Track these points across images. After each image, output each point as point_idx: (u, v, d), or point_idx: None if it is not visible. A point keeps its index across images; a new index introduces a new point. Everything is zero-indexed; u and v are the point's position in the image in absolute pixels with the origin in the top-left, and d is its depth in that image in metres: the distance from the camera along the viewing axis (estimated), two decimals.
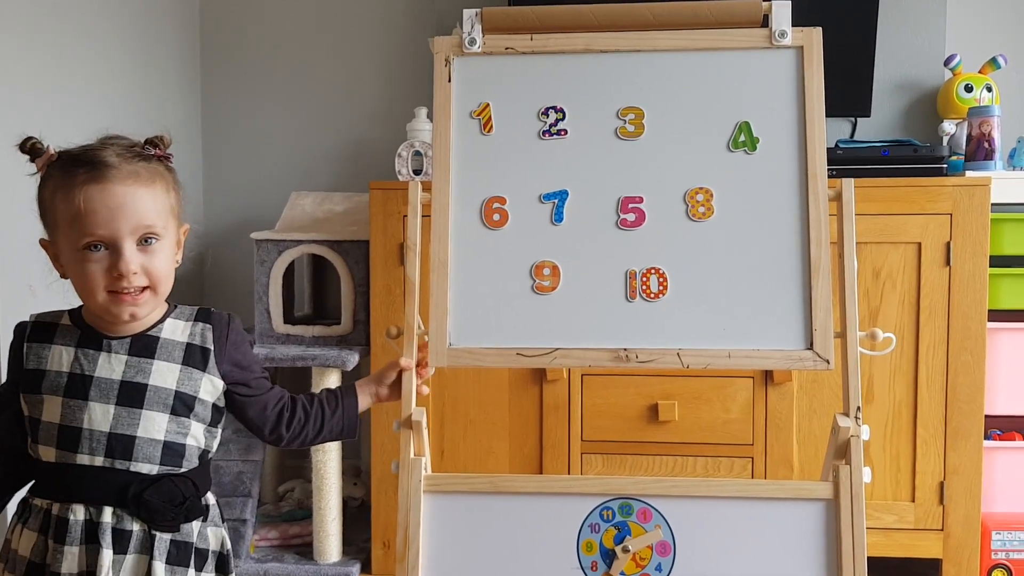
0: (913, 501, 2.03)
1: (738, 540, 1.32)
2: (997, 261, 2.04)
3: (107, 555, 1.06)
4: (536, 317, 1.39)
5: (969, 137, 2.16)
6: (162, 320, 1.15)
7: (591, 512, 1.35)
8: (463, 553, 1.35)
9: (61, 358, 1.10)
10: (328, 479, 2.13)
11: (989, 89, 2.31)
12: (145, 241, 1.08)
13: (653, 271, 1.39)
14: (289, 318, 2.30)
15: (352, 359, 2.13)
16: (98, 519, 1.07)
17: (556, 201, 1.42)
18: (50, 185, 1.10)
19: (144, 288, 1.09)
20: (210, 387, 1.15)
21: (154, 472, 1.10)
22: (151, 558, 1.08)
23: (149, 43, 2.41)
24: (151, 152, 1.13)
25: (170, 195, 1.13)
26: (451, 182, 1.42)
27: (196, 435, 1.14)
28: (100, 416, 1.08)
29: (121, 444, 1.08)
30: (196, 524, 1.14)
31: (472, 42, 1.43)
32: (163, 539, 1.10)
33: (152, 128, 1.20)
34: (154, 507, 1.08)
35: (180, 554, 1.11)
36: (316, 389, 2.11)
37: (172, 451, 1.11)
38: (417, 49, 2.59)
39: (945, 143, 2.27)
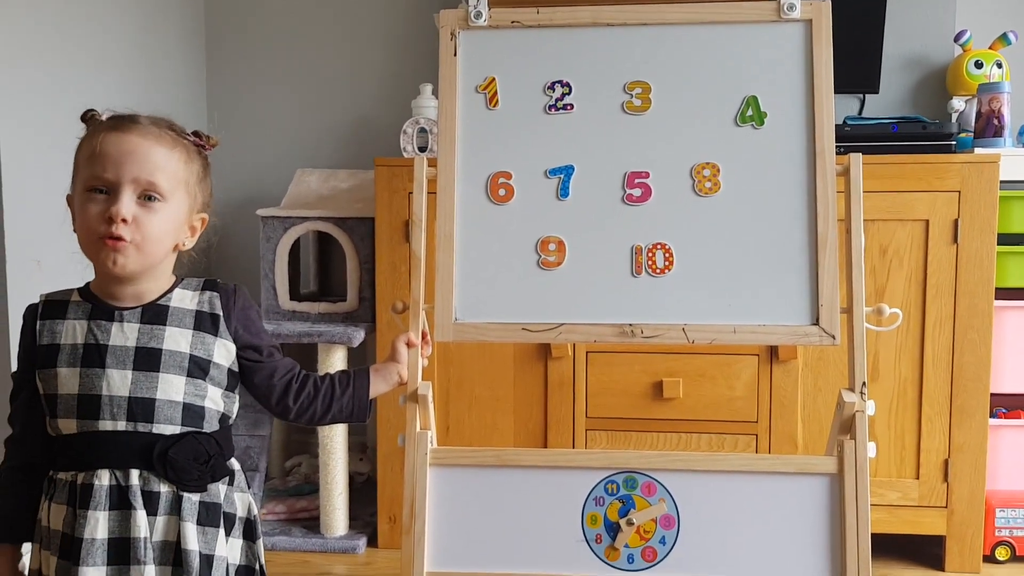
0: (917, 478, 2.04)
1: (742, 514, 1.33)
2: (1005, 239, 2.03)
3: (140, 515, 1.08)
4: (542, 292, 1.40)
5: (978, 114, 2.15)
6: (170, 290, 1.17)
7: (596, 485, 1.36)
8: (469, 526, 1.36)
9: (75, 331, 1.12)
10: (334, 454, 2.15)
11: (999, 65, 2.29)
12: (147, 198, 1.10)
13: (659, 247, 1.39)
14: (295, 295, 2.30)
15: (358, 336, 2.14)
16: (126, 482, 1.08)
17: (562, 176, 1.41)
18: (84, 137, 1.14)
19: (129, 241, 1.10)
20: (224, 351, 1.17)
21: (177, 432, 1.11)
22: (180, 519, 1.10)
23: (154, 21, 2.41)
24: (188, 135, 1.17)
25: (188, 169, 1.15)
26: (457, 157, 1.42)
27: (214, 398, 1.16)
28: (119, 382, 1.09)
29: (142, 407, 1.10)
30: (223, 487, 1.15)
31: (478, 15, 1.43)
32: (191, 500, 1.11)
33: (156, 106, 1.21)
34: (179, 465, 1.10)
35: (210, 515, 1.12)
36: (322, 365, 2.13)
37: (192, 412, 1.13)
38: (422, 25, 2.58)
39: (954, 120, 2.25)
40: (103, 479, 1.08)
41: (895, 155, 2.00)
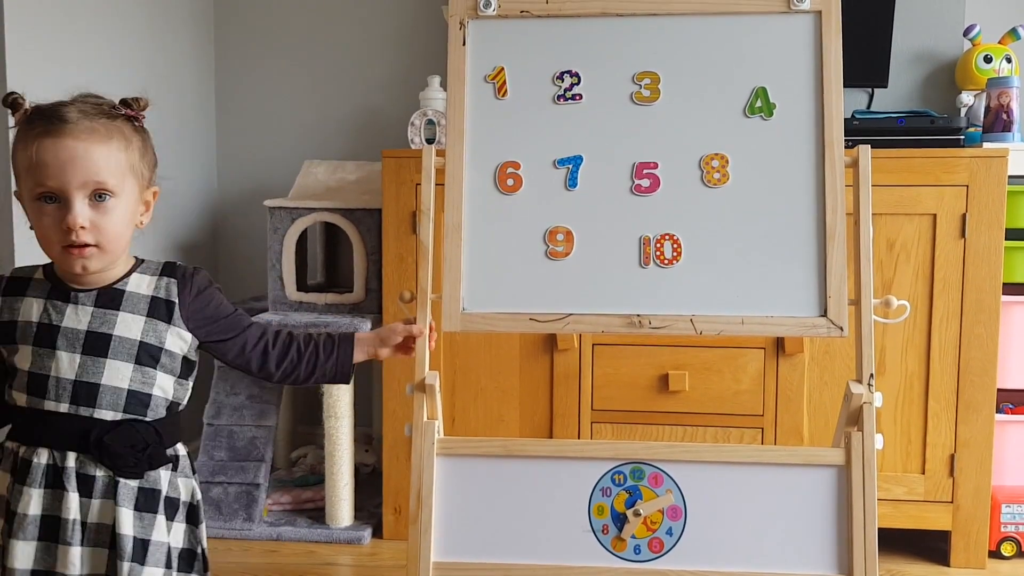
0: (923, 473, 2.03)
1: (749, 505, 1.33)
2: (1012, 234, 2.02)
3: (73, 498, 1.10)
4: (549, 283, 1.40)
5: (987, 108, 2.14)
6: (128, 274, 1.17)
7: (603, 476, 1.36)
8: (475, 516, 1.37)
9: (31, 309, 1.13)
10: (340, 445, 2.15)
11: (1008, 60, 2.28)
12: (98, 197, 1.10)
13: (667, 237, 1.39)
14: (302, 286, 2.31)
15: (364, 327, 2.14)
16: (62, 463, 1.11)
17: (570, 166, 1.41)
18: (16, 137, 1.13)
19: (92, 244, 1.10)
20: (178, 340, 1.18)
21: (117, 419, 1.13)
22: (116, 504, 1.11)
23: (163, 11, 2.41)
24: (120, 111, 1.14)
25: (129, 153, 1.13)
26: (465, 146, 1.42)
27: (164, 386, 1.16)
28: (67, 364, 1.11)
29: (86, 391, 1.11)
30: (166, 473, 1.16)
31: (487, 5, 1.43)
32: (128, 485, 1.13)
33: (165, 98, 1.20)
34: (114, 451, 1.11)
35: (148, 501, 1.14)
36: None
37: (136, 400, 1.14)
38: (430, 17, 2.57)
39: (963, 114, 2.25)
40: (41, 457, 1.11)
41: (903, 149, 2.00)
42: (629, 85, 1.41)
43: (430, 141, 2.23)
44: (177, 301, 1.17)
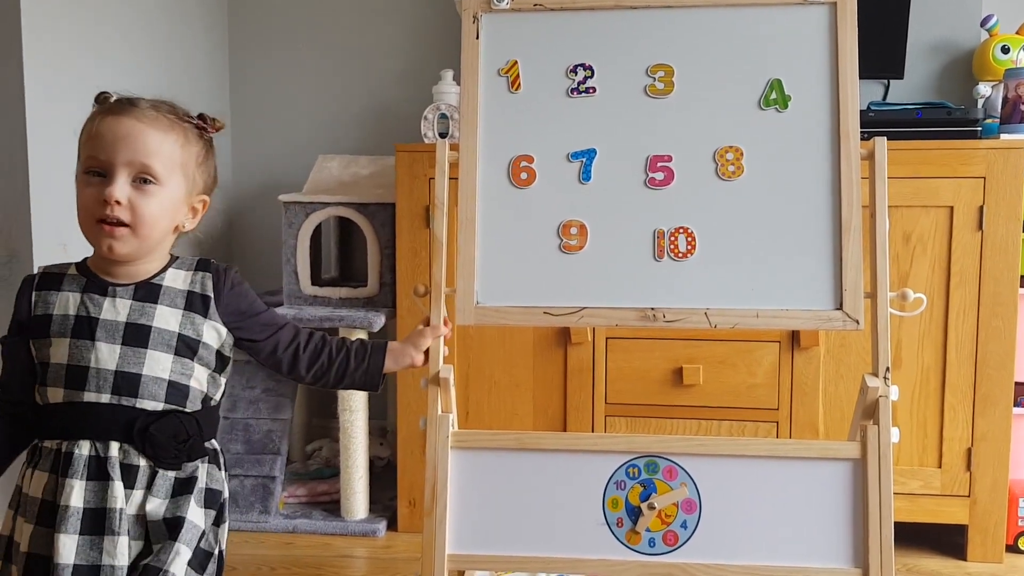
0: (940, 467, 2.02)
1: (764, 499, 1.33)
2: None
3: (117, 487, 1.10)
4: (563, 276, 1.40)
5: (1005, 100, 2.12)
6: (164, 270, 1.19)
7: (617, 469, 1.36)
8: (490, 508, 1.37)
9: (67, 303, 1.14)
10: (355, 438, 2.16)
11: None
12: (142, 180, 1.12)
13: (681, 231, 1.38)
14: (316, 280, 2.32)
15: (378, 320, 2.15)
16: (105, 454, 1.11)
17: (584, 160, 1.41)
18: (87, 119, 1.16)
19: (125, 224, 1.12)
20: (214, 334, 1.19)
21: (159, 409, 1.13)
22: (150, 494, 1.12)
23: (178, 7, 2.42)
24: (192, 119, 1.18)
25: (184, 151, 1.16)
26: (478, 140, 1.42)
27: (199, 378, 1.17)
28: (107, 355, 1.11)
29: (127, 381, 1.12)
30: (203, 465, 1.17)
31: None
32: (166, 476, 1.13)
33: (179, 93, 1.24)
34: (159, 442, 1.12)
35: (182, 487, 1.14)
36: None
37: (176, 390, 1.15)
38: (443, 11, 2.57)
39: (980, 106, 2.22)
40: (83, 449, 1.10)
41: (919, 141, 1.98)
42: (643, 78, 1.41)
43: (443, 135, 2.23)
44: (213, 295, 1.18)
